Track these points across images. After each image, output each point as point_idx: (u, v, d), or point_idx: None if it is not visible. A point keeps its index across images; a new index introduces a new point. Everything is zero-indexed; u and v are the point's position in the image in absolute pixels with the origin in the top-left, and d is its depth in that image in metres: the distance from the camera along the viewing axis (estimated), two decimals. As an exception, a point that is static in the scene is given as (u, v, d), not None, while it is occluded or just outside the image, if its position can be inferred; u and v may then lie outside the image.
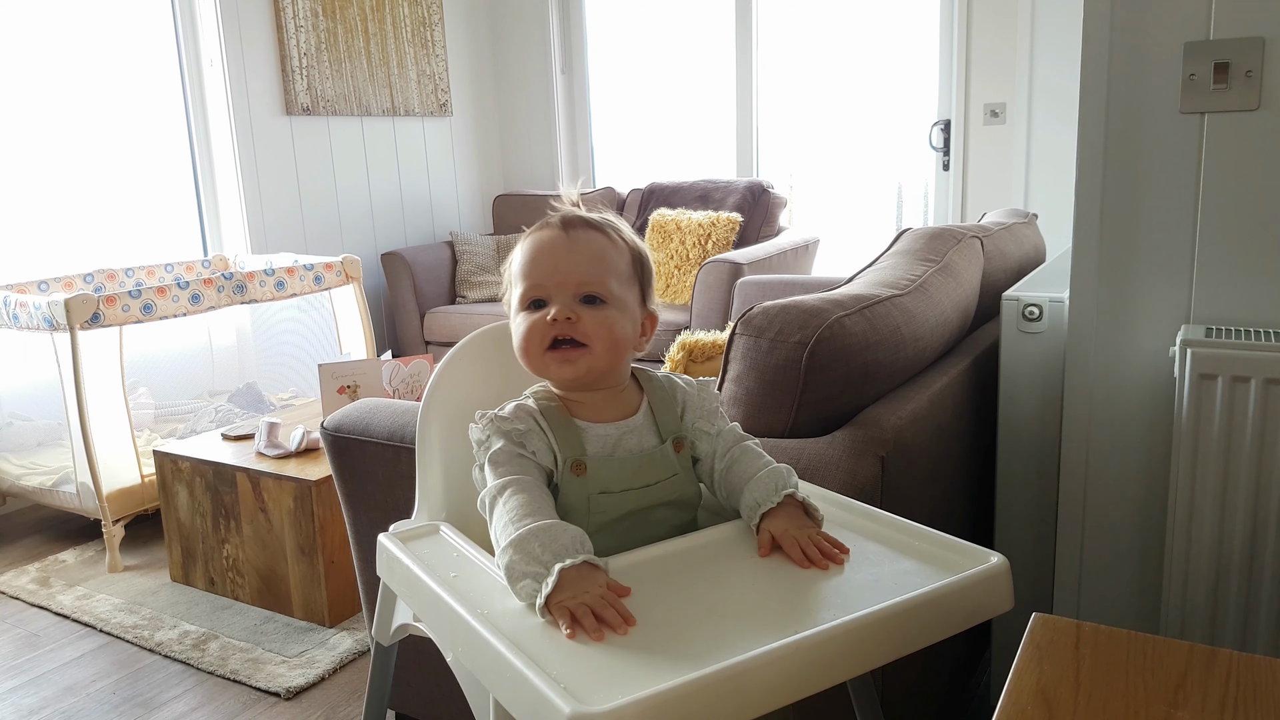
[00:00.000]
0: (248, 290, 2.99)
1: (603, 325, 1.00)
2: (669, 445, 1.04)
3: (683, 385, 1.09)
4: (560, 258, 1.01)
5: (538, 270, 1.02)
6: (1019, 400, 1.65)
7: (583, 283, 1.00)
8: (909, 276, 1.55)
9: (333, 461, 1.59)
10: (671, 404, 1.07)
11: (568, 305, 1.00)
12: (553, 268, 1.01)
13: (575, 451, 1.00)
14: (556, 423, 1.01)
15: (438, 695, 1.59)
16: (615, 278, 1.02)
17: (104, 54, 3.44)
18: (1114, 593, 1.56)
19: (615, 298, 1.02)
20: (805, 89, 4.39)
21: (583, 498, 0.99)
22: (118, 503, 2.65)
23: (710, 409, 1.07)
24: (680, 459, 1.04)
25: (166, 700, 1.99)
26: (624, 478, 1.01)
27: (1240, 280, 1.40)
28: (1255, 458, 1.32)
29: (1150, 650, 0.80)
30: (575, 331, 0.99)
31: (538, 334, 1.00)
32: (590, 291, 1.01)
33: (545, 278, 1.01)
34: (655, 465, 1.02)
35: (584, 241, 1.02)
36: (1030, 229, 2.26)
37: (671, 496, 1.03)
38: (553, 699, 0.70)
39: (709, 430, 1.06)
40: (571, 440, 1.00)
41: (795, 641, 0.77)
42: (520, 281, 1.03)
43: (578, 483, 0.99)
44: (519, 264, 1.04)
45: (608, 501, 0.99)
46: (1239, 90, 1.35)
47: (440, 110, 4.52)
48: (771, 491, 1.00)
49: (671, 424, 1.05)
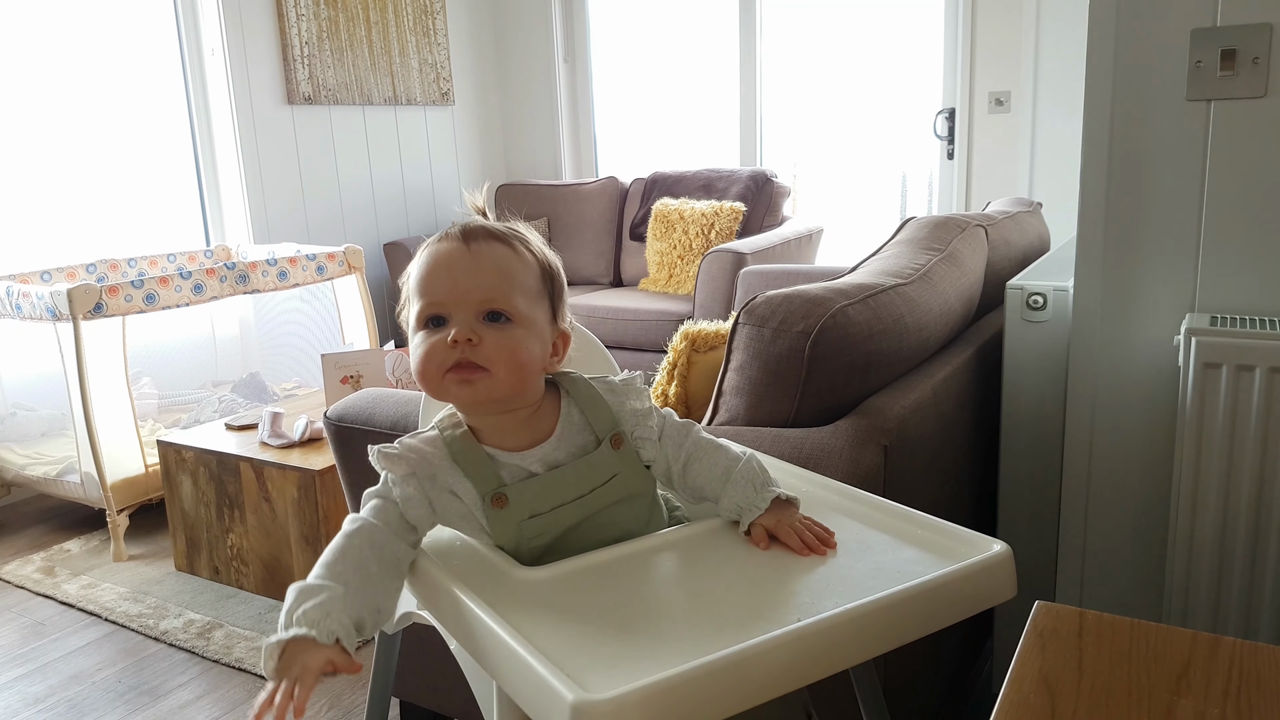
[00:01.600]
0: (250, 280, 2.99)
1: (505, 348, 0.92)
2: (606, 444, 0.98)
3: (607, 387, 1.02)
4: (460, 272, 0.93)
5: (436, 286, 0.93)
6: (1023, 389, 1.65)
7: (485, 300, 0.92)
8: (913, 265, 1.55)
9: (336, 451, 1.59)
10: (600, 404, 1.00)
11: (468, 325, 0.91)
12: (452, 284, 0.92)
13: (491, 484, 0.94)
14: (466, 457, 0.95)
15: (441, 683, 1.60)
16: (521, 294, 0.94)
17: (105, 44, 3.44)
18: (1117, 581, 1.56)
19: (521, 316, 0.93)
20: (809, 77, 4.38)
21: (512, 527, 0.93)
22: (122, 492, 2.66)
23: (640, 410, 1.01)
24: (622, 455, 0.98)
25: (172, 688, 2.00)
26: (552, 494, 0.95)
27: (1246, 269, 1.39)
28: (1259, 446, 1.32)
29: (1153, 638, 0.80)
30: (476, 355, 0.91)
31: (436, 357, 0.92)
32: (494, 308, 0.92)
33: (444, 294, 0.92)
34: (590, 471, 0.96)
35: (487, 254, 0.94)
36: (1035, 218, 2.26)
37: (617, 496, 0.97)
38: (556, 686, 0.70)
39: (649, 436, 1.00)
40: (486, 473, 0.94)
41: (797, 629, 0.77)
42: (417, 298, 0.94)
43: (502, 515, 0.93)
44: (415, 278, 0.95)
45: (540, 524, 0.94)
46: (1246, 77, 1.34)
47: (442, 99, 4.51)
48: (754, 495, 0.96)
49: (605, 421, 0.99)
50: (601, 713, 0.67)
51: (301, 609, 0.85)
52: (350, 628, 0.86)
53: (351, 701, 1.92)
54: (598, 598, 0.86)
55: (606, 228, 4.35)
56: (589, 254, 4.34)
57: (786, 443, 1.24)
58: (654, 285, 4.02)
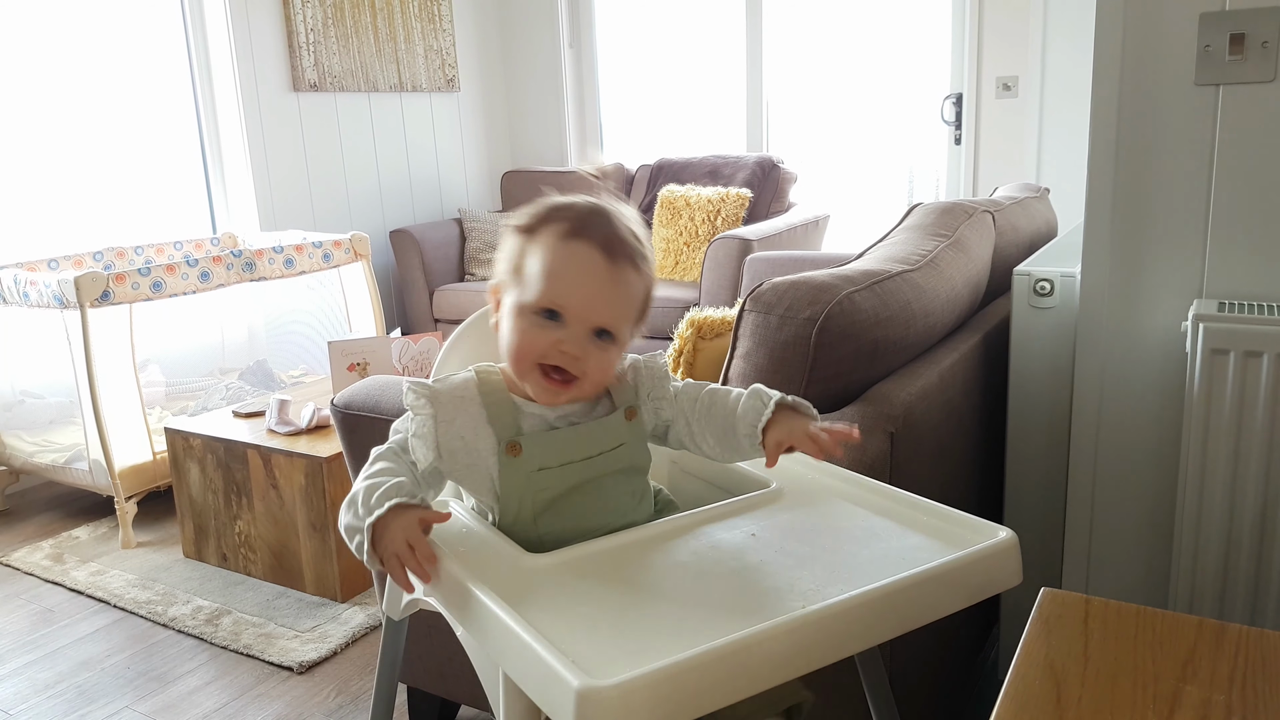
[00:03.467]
0: (257, 268, 2.99)
1: (601, 366, 0.98)
2: (620, 413, 1.02)
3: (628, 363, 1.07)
4: (596, 288, 0.95)
5: (568, 290, 0.95)
6: (1029, 376, 1.64)
7: (606, 322, 0.96)
8: (920, 252, 1.54)
9: (343, 438, 1.60)
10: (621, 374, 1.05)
11: (581, 341, 0.96)
12: (585, 296, 0.95)
13: (509, 432, 0.97)
14: (495, 404, 0.99)
15: (448, 669, 1.60)
16: (630, 318, 0.99)
17: (111, 33, 3.43)
18: (1123, 567, 1.56)
19: (622, 337, 0.99)
20: (815, 63, 4.36)
21: (521, 477, 0.97)
22: (130, 479, 2.67)
23: (660, 374, 1.06)
24: (631, 427, 1.03)
25: (180, 675, 2.02)
26: (563, 450, 0.98)
27: (1254, 254, 1.38)
28: (1267, 433, 1.32)
29: (1159, 625, 0.80)
30: (574, 366, 0.96)
31: (539, 349, 0.96)
32: (606, 328, 0.97)
33: (573, 302, 0.95)
34: (601, 434, 1.00)
35: (623, 280, 0.97)
36: (1042, 203, 2.25)
37: (619, 465, 1.01)
38: (562, 672, 0.70)
39: (666, 395, 1.05)
40: (508, 421, 0.98)
41: (803, 616, 0.77)
42: (541, 285, 0.95)
43: (514, 464, 0.97)
44: (546, 267, 0.95)
45: (548, 478, 0.97)
46: (1255, 61, 1.33)
47: (448, 86, 4.49)
48: (761, 406, 0.99)
49: (625, 394, 1.04)
50: (607, 698, 0.68)
51: (375, 495, 0.91)
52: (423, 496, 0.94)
53: (359, 688, 1.93)
54: (603, 584, 0.86)
55: (612, 214, 4.34)
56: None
57: (792, 430, 1.24)
58: (660, 272, 4.01)
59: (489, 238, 4.26)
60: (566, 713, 0.69)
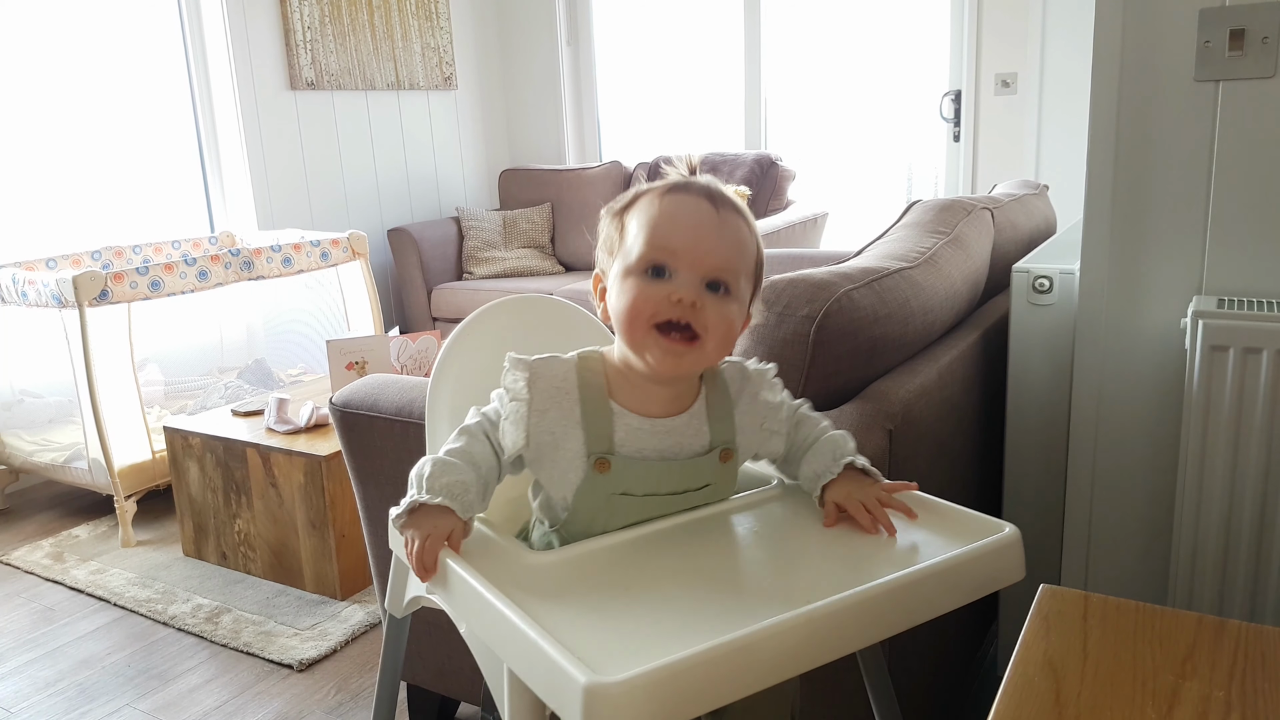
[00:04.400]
0: (255, 267, 2.99)
1: (724, 319, 0.90)
2: (715, 455, 0.95)
3: (740, 374, 1.00)
4: (705, 233, 0.89)
5: (676, 236, 0.89)
6: (1029, 373, 1.65)
7: (718, 268, 0.89)
8: (918, 249, 1.55)
9: (342, 437, 1.60)
10: (726, 402, 0.97)
11: (695, 288, 0.88)
12: (694, 240, 0.89)
13: (603, 445, 0.92)
14: (591, 406, 0.93)
15: (450, 667, 1.60)
16: (745, 272, 0.92)
17: (109, 31, 3.43)
18: (1122, 564, 1.56)
19: (739, 292, 0.92)
20: (814, 59, 4.35)
21: (602, 497, 0.93)
22: (129, 478, 2.67)
23: (774, 404, 0.99)
24: (724, 469, 0.96)
25: (181, 673, 2.02)
26: (650, 482, 0.93)
27: (1254, 251, 1.39)
28: (1266, 430, 1.32)
29: (1158, 621, 0.81)
30: (695, 318, 0.88)
31: (651, 305, 0.88)
32: (720, 279, 0.89)
33: (682, 248, 0.88)
34: (690, 473, 0.95)
35: (731, 224, 0.91)
36: (1041, 200, 2.25)
37: (700, 502, 0.97)
38: (568, 669, 0.70)
39: (778, 430, 0.99)
40: (601, 430, 0.92)
41: (806, 613, 0.77)
42: (646, 239, 0.89)
43: (598, 481, 0.92)
44: (649, 219, 0.90)
45: (627, 505, 0.93)
46: (1255, 57, 1.33)
47: (445, 84, 4.49)
48: (830, 461, 0.96)
49: (725, 430, 0.96)
50: (613, 695, 0.68)
51: (442, 480, 0.91)
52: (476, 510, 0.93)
53: (359, 685, 1.93)
54: (608, 581, 0.87)
55: (610, 212, 4.34)
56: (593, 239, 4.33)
57: (792, 427, 1.24)
58: (658, 270, 4.00)
59: (487, 236, 4.26)
60: (574, 709, 0.69)
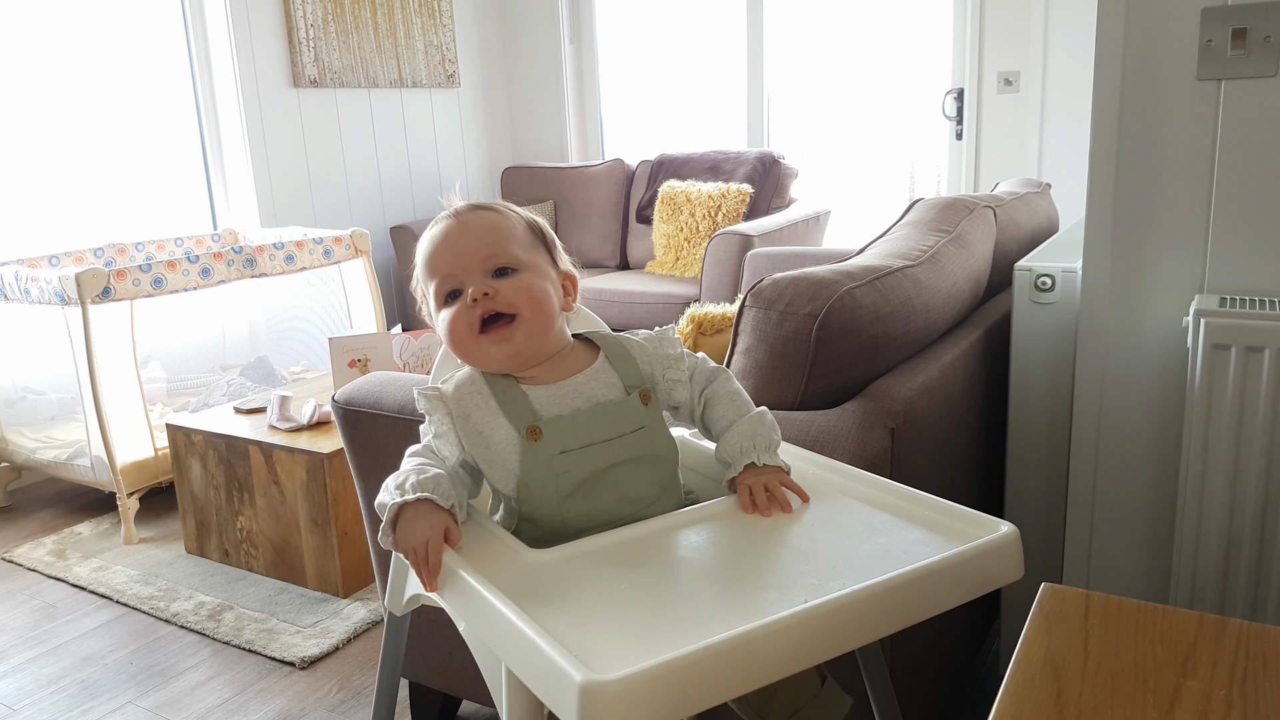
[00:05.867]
0: (257, 264, 2.99)
1: (521, 290, 1.00)
2: (635, 396, 1.02)
3: (638, 341, 1.08)
4: (458, 241, 1.02)
5: (441, 262, 1.02)
6: (1030, 371, 1.64)
7: (488, 257, 1.01)
8: (920, 247, 1.54)
9: (344, 434, 1.60)
10: (628, 358, 1.06)
11: (482, 282, 0.99)
12: (454, 254, 1.01)
13: (528, 418, 0.99)
14: (504, 394, 1.00)
15: (450, 664, 1.61)
16: (517, 244, 1.03)
17: (111, 29, 3.43)
18: (1124, 563, 1.56)
19: (524, 262, 1.02)
20: (816, 57, 4.35)
21: (544, 462, 0.97)
22: (132, 476, 2.67)
23: (673, 355, 1.07)
24: (649, 411, 1.03)
25: (183, 670, 2.02)
26: (583, 433, 0.99)
27: (1256, 249, 1.38)
28: (1268, 428, 1.32)
29: (1159, 620, 0.80)
30: (498, 304, 0.99)
31: (463, 320, 1.00)
32: (498, 264, 1.01)
33: (450, 265, 1.01)
34: (619, 417, 1.01)
35: (475, 221, 1.03)
36: (1043, 198, 2.25)
37: (641, 451, 1.01)
38: (565, 667, 0.70)
39: (680, 378, 1.06)
40: (521, 408, 0.99)
41: (805, 610, 0.77)
42: (429, 280, 1.02)
43: (536, 449, 0.97)
44: (421, 265, 1.03)
45: (570, 461, 0.98)
46: (1257, 56, 1.33)
47: (448, 81, 4.49)
48: (737, 455, 1.02)
49: (634, 375, 1.04)
50: (610, 693, 0.68)
51: (414, 480, 0.93)
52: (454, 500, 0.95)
53: (361, 683, 1.94)
54: (605, 579, 0.87)
55: (613, 210, 4.34)
56: (595, 237, 4.33)
57: (793, 425, 1.24)
58: (661, 268, 4.01)
59: (490, 233, 4.26)
60: (570, 707, 0.69)
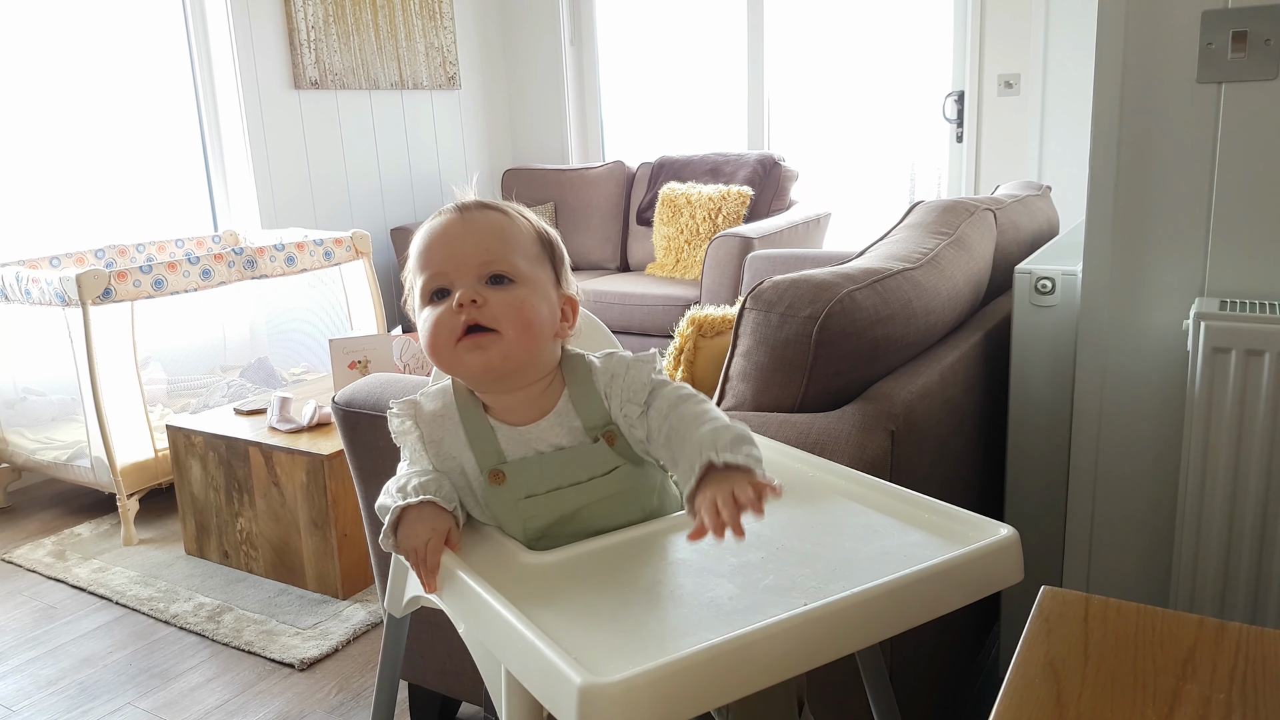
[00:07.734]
0: (258, 265, 3.00)
1: (512, 306, 0.91)
2: (601, 442, 0.95)
3: (604, 369, 0.97)
4: (457, 239, 0.93)
5: (435, 257, 0.93)
6: (1030, 374, 1.64)
7: (486, 262, 0.92)
8: (921, 250, 1.54)
9: (344, 436, 1.60)
10: (592, 394, 0.96)
11: (472, 287, 0.91)
12: (450, 251, 0.93)
13: (491, 459, 0.93)
14: (473, 426, 0.95)
15: (449, 666, 1.60)
16: (521, 255, 0.94)
17: (113, 30, 3.43)
18: (1123, 566, 1.56)
19: (524, 276, 0.93)
20: (817, 61, 4.35)
21: (510, 505, 0.93)
22: (132, 477, 2.67)
23: (638, 385, 0.95)
24: (619, 450, 0.95)
25: (182, 671, 2.02)
26: (550, 476, 0.93)
27: (1256, 253, 1.38)
28: (1268, 432, 1.32)
29: (1159, 623, 0.80)
30: (483, 316, 0.90)
31: (445, 325, 0.91)
32: (495, 270, 0.92)
33: (444, 263, 0.93)
34: (589, 459, 0.94)
35: (481, 220, 0.95)
36: (1044, 201, 2.25)
37: (617, 489, 0.95)
38: (564, 669, 0.70)
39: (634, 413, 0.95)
40: (486, 446, 0.94)
41: (804, 613, 0.77)
42: (419, 273, 0.94)
43: (498, 492, 0.93)
44: (415, 256, 0.95)
45: (537, 505, 0.93)
46: (1257, 59, 1.33)
47: (449, 83, 4.49)
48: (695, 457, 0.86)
49: (596, 416, 0.95)
50: (609, 696, 0.68)
51: (414, 483, 0.91)
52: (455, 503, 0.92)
53: (360, 685, 1.94)
54: (605, 582, 0.86)
55: (613, 212, 4.35)
56: (596, 239, 4.33)
57: (793, 428, 1.24)
58: (661, 270, 4.01)
59: (490, 235, 4.26)
60: (569, 710, 0.69)
